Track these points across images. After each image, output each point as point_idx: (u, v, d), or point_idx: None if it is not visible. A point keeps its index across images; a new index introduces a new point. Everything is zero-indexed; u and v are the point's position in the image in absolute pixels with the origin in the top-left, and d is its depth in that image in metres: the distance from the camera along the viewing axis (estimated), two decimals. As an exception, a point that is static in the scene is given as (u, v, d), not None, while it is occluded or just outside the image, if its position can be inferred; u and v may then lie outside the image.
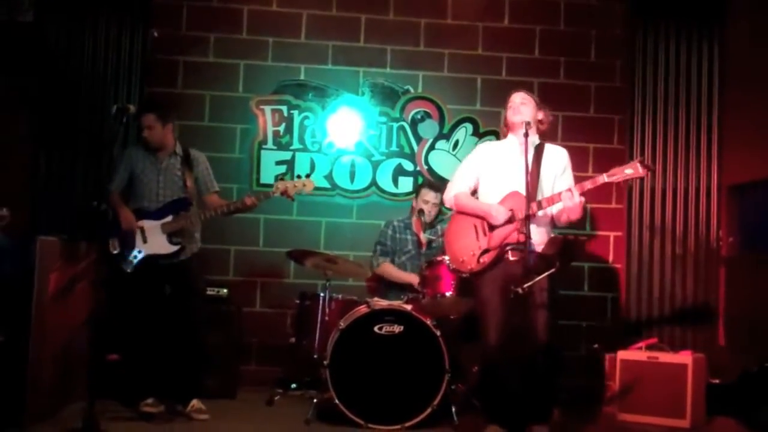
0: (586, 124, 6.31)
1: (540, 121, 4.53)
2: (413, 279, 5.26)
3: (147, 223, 4.83)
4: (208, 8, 6.17)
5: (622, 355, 5.41)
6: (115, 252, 4.77)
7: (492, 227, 4.37)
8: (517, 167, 4.36)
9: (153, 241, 4.80)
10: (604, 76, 6.34)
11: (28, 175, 5.71)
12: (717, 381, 5.47)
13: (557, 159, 4.51)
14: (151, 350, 4.79)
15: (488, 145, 4.77)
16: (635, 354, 5.39)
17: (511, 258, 4.30)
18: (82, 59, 5.87)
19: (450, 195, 4.63)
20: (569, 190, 4.22)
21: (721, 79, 6.11)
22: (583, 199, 4.23)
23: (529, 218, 4.10)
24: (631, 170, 4.16)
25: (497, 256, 4.32)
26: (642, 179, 6.02)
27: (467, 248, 4.41)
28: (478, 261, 4.34)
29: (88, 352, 4.85)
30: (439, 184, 5.81)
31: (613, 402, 5.46)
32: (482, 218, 4.41)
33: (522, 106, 4.45)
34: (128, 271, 4.71)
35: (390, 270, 5.52)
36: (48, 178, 5.74)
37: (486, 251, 4.32)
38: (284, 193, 4.91)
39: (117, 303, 4.89)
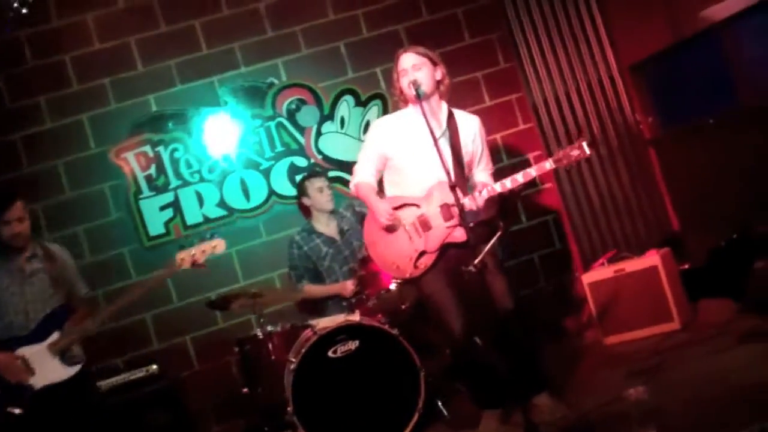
0: (466, 53, 5.85)
1: (439, 81, 3.92)
2: (340, 288, 4.85)
3: (27, 351, 3.92)
4: (25, 71, 5.41)
5: (587, 278, 5.09)
6: None
7: (427, 227, 3.86)
8: (430, 146, 3.70)
9: (43, 369, 3.91)
10: (467, -1, 5.90)
11: None
12: (687, 266, 5.21)
13: (471, 129, 3.99)
14: None
15: (388, 121, 4.08)
16: (600, 273, 5.07)
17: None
18: None
19: (352, 183, 4.08)
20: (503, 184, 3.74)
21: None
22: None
23: (461, 205, 3.59)
24: (577, 151, 3.70)
25: (437, 258, 3.85)
26: (542, 87, 5.74)
27: (400, 252, 3.91)
28: (416, 266, 3.87)
29: None
30: (317, 169, 5.51)
31: (593, 329, 5.15)
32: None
33: (415, 72, 3.81)
34: (19, 413, 3.78)
35: (314, 290, 5.02)
36: None
37: (423, 253, 3.84)
38: (194, 263, 4.09)
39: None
